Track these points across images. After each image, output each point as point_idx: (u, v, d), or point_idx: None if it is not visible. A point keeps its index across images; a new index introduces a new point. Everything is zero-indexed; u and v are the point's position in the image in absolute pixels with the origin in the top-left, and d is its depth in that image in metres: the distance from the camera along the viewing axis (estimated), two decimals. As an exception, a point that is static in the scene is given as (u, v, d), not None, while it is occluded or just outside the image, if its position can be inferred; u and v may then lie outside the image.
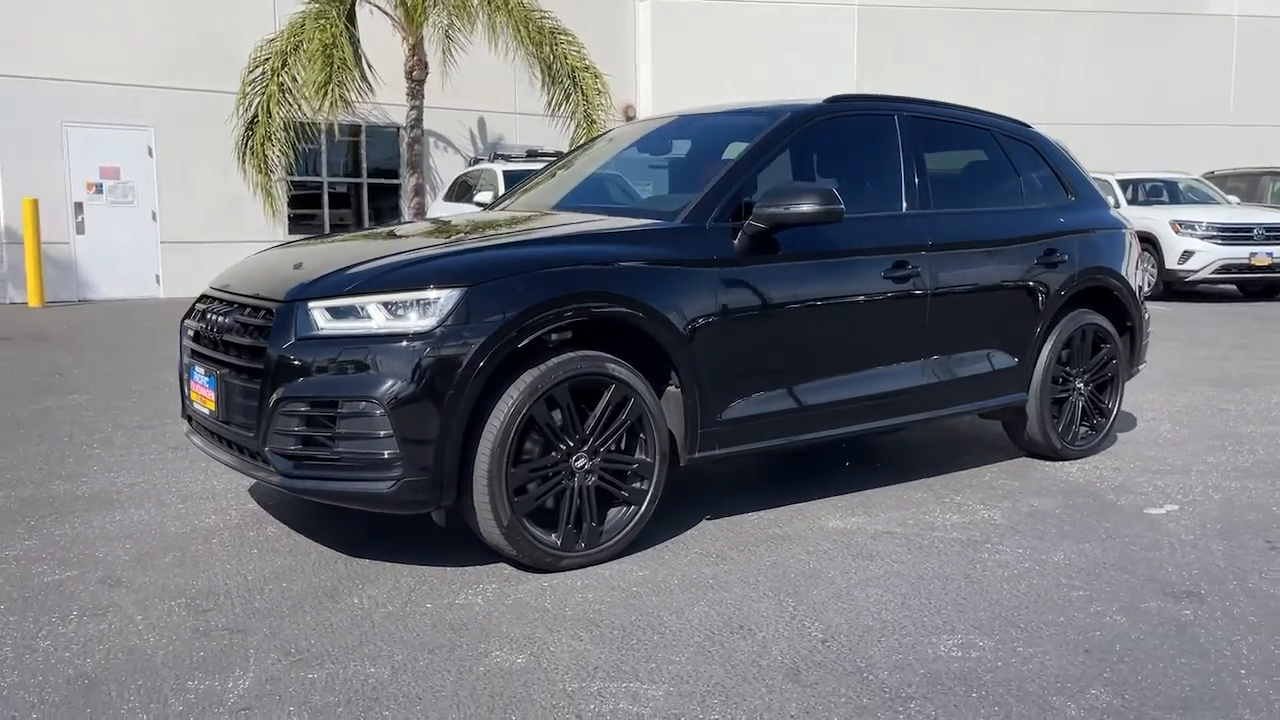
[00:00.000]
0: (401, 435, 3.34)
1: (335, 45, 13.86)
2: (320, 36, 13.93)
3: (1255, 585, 3.61)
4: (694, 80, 19.06)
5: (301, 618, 3.25)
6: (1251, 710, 2.70)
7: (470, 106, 17.44)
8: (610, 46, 19.02)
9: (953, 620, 3.28)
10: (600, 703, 2.72)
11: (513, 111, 18.01)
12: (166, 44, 14.80)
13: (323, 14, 14.15)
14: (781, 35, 19.45)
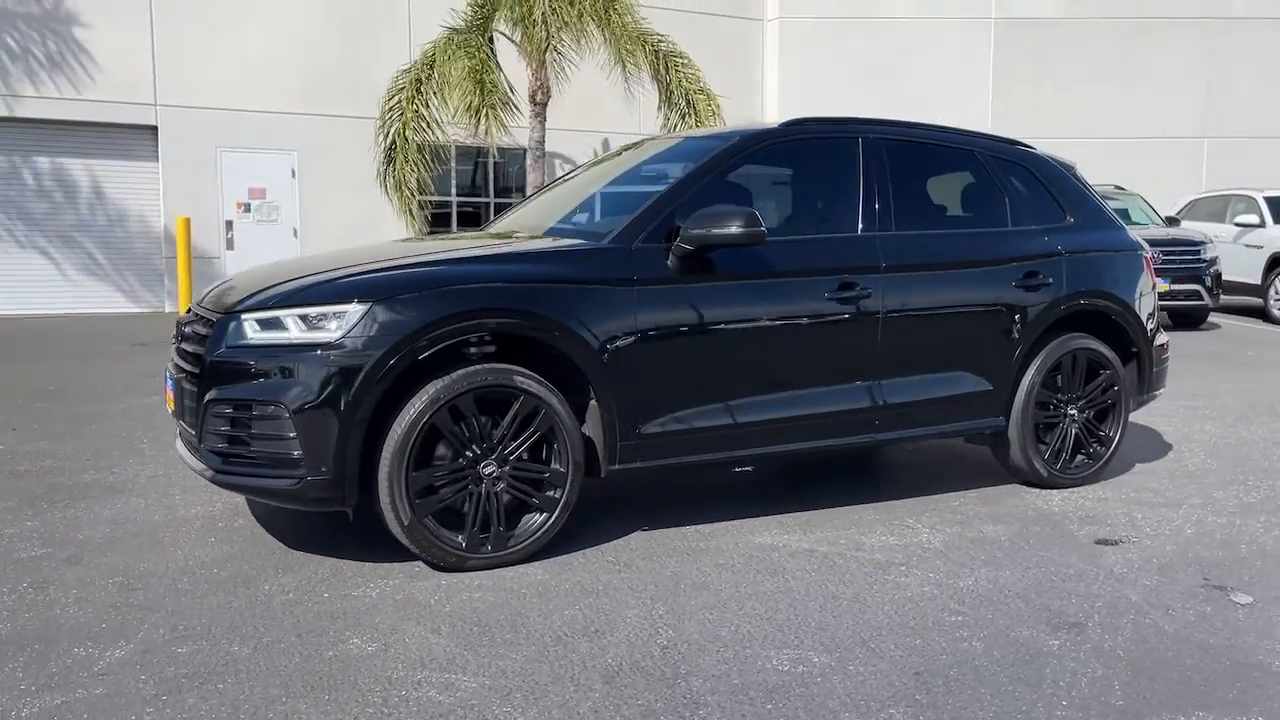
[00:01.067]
0: (304, 437, 3.65)
1: (484, 69, 14.50)
2: (469, 62, 14.59)
3: (1153, 622, 3.49)
4: (822, 99, 18.94)
5: (210, 599, 3.60)
6: (1037, 740, 2.68)
7: (593, 128, 17.93)
8: (736, 68, 19.22)
9: (803, 637, 3.33)
10: (412, 689, 2.93)
11: (635, 133, 18.38)
12: (310, 75, 15.90)
13: (468, 41, 14.83)
14: (913, 52, 19.14)
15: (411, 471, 3.76)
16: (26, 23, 14.50)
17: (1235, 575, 3.96)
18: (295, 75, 15.81)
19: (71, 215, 15.09)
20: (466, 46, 14.78)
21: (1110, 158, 18.77)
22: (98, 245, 15.20)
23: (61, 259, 15.00)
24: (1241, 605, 3.66)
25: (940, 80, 19.08)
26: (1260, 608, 3.64)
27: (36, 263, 14.79)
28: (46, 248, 14.91)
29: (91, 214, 15.19)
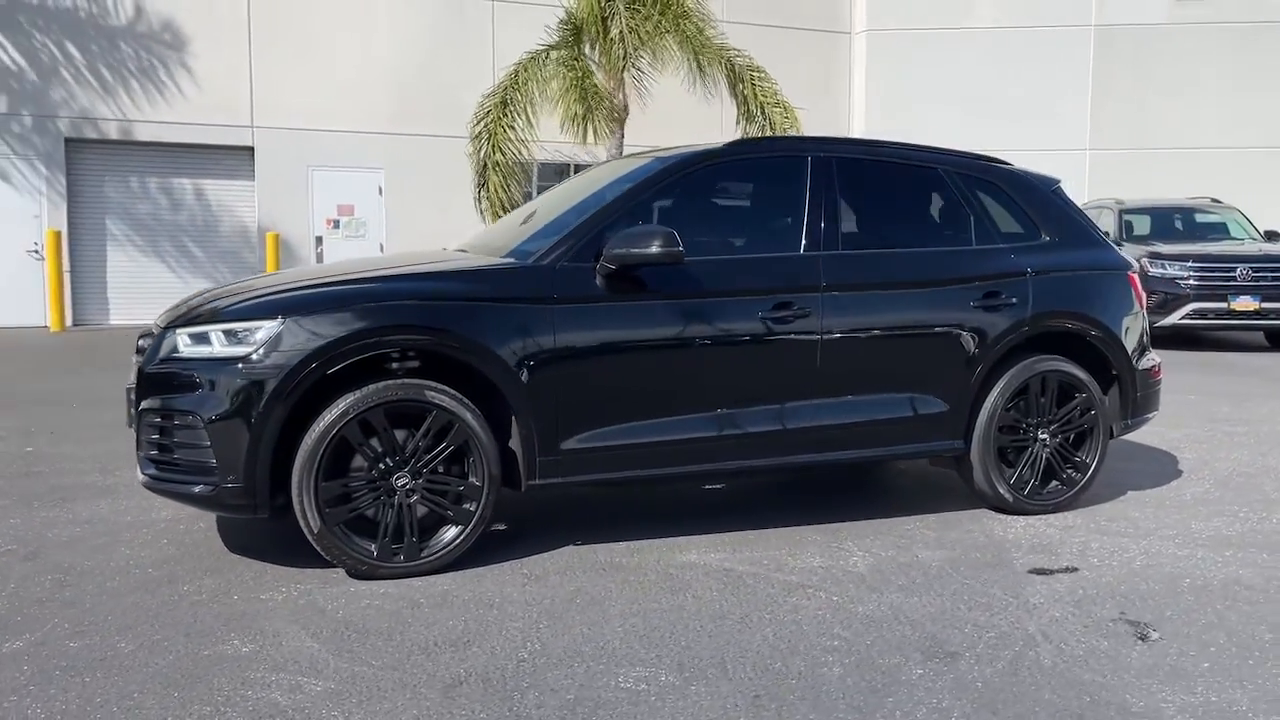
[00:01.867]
0: (218, 446, 3.86)
1: (585, 79, 14.78)
2: (569, 75, 14.90)
3: (1035, 656, 3.38)
4: (908, 111, 18.69)
5: (127, 598, 3.83)
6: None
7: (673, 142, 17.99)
8: (821, 81, 19.07)
9: (664, 656, 3.35)
10: (260, 690, 3.07)
11: (718, 147, 18.40)
12: (397, 96, 16.48)
13: (566, 57, 15.13)
14: (1005, 61, 18.63)
15: (321, 481, 3.92)
16: (143, 54, 15.46)
17: (1158, 611, 3.79)
18: (382, 97, 16.40)
19: (179, 231, 15.97)
20: (565, 62, 15.08)
21: (1218, 169, 17.89)
22: (203, 260, 16.02)
23: (170, 273, 15.87)
24: (1142, 642, 3.50)
25: (1033, 90, 18.53)
26: (1160, 645, 3.48)
27: (150, 275, 15.67)
28: (158, 262, 15.81)
29: (197, 230, 16.05)
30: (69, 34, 15.14)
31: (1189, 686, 3.16)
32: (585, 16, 15.13)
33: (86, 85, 15.28)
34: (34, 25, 14.98)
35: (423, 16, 16.71)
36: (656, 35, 15.30)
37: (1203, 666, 3.31)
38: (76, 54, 15.21)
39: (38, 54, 15.03)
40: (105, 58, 15.34)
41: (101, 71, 15.36)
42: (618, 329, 4.32)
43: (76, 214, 15.39)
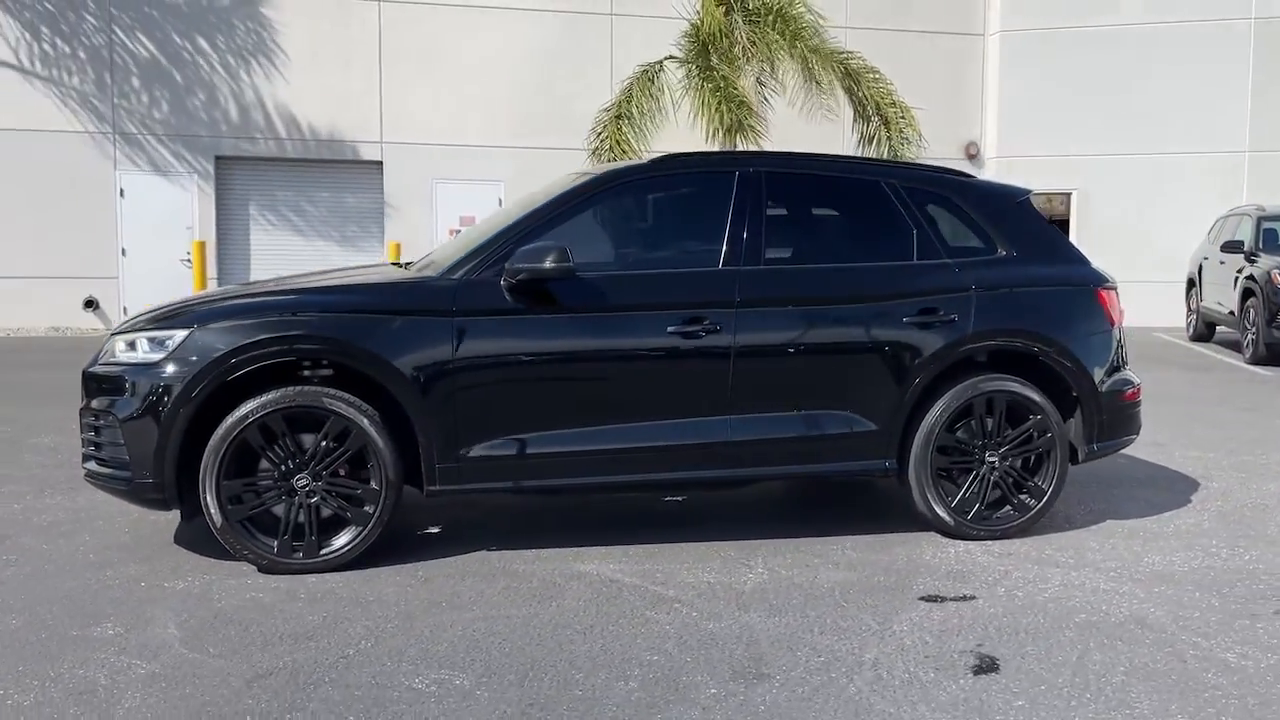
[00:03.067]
0: (131, 444, 4.21)
1: (728, 88, 14.89)
2: (707, 86, 15.04)
3: (845, 684, 3.29)
4: (1045, 114, 17.91)
5: (53, 580, 4.22)
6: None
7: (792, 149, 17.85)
8: (953, 83, 18.48)
9: (477, 661, 3.45)
10: (93, 669, 3.36)
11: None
12: (518, 110, 17.02)
13: (704, 68, 15.28)
14: (1151, 60, 17.52)
15: (223, 480, 4.21)
16: (285, 76, 16.58)
17: (1020, 646, 3.60)
18: (503, 111, 16.97)
19: (314, 241, 17.01)
20: (700, 74, 15.21)
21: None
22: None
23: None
24: (975, 675, 3.35)
25: (1183, 90, 17.34)
26: (991, 680, 3.32)
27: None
28: (294, 270, 16.92)
29: (330, 241, 17.06)
30: (219, 57, 16.39)
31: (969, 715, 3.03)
32: (711, 31, 15.19)
33: (235, 106, 16.49)
34: (191, 56, 16.30)
35: (543, 33, 17.20)
36: (775, 48, 15.27)
37: (1016, 704, 3.15)
38: (227, 77, 16.44)
39: (191, 78, 16.34)
40: (252, 79, 16.52)
41: (248, 92, 16.54)
42: (519, 341, 4.44)
43: (224, 225, 16.63)
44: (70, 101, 16.03)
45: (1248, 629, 3.78)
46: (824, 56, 15.57)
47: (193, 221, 16.53)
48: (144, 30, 16.18)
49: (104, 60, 16.06)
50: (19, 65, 15.82)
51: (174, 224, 16.48)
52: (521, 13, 17.12)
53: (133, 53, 16.18)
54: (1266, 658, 3.53)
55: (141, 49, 16.20)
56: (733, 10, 14.78)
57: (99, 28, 16.01)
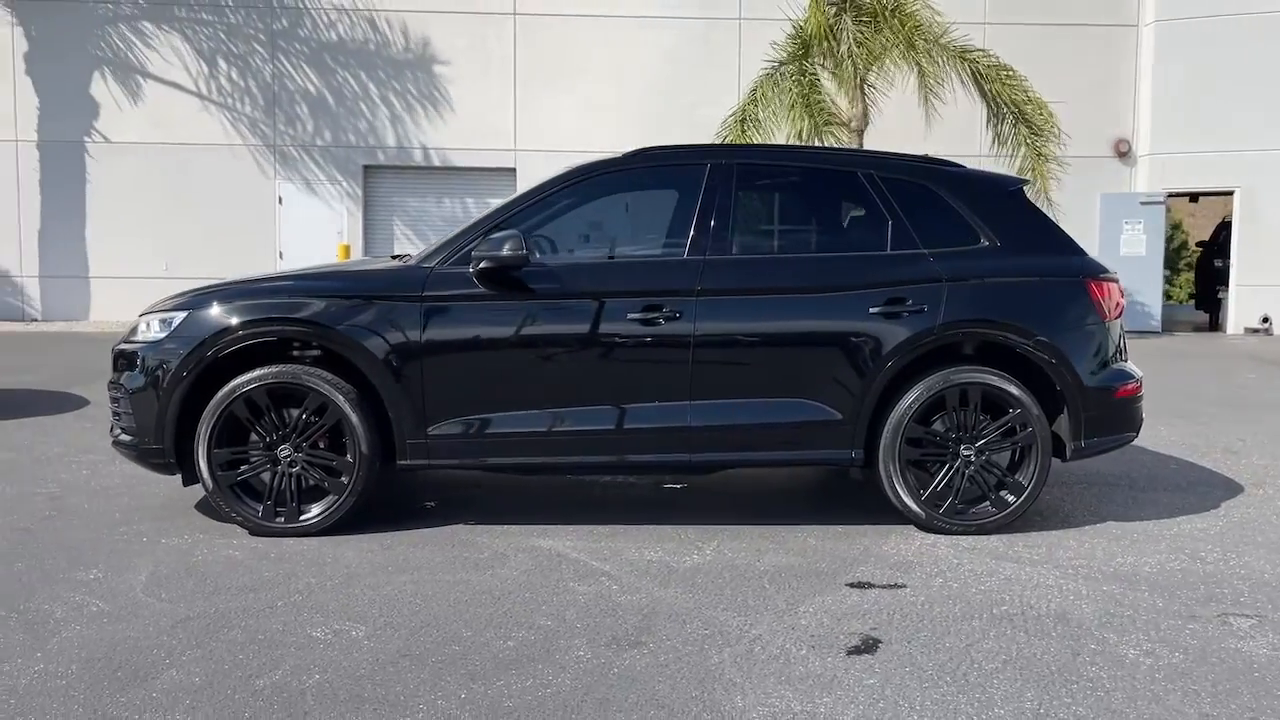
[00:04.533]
0: (137, 414, 4.69)
1: (810, 93, 14.93)
2: (794, 90, 15.13)
3: (708, 657, 3.37)
4: (1205, 108, 16.88)
5: (73, 533, 4.74)
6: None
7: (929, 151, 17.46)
8: (1101, 77, 17.63)
9: (381, 616, 3.70)
10: (55, 605, 3.80)
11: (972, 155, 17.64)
12: (646, 116, 17.33)
13: (791, 72, 15.33)
14: (1325, 46, 16.24)
15: (214, 448, 4.63)
16: (426, 88, 17.51)
17: (917, 633, 3.57)
18: (631, 117, 17.33)
19: (452, 245, 17.87)
20: (792, 77, 15.27)
21: None
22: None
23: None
24: (851, 655, 3.36)
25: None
26: (859, 660, 3.32)
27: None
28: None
29: (467, 244, 17.88)
30: (367, 72, 17.45)
31: (813, 690, 3.05)
32: (814, 32, 15.15)
33: (380, 116, 17.52)
34: (338, 64, 17.43)
35: (671, 39, 17.48)
36: (886, 50, 15.03)
37: (868, 682, 3.16)
38: (373, 90, 17.49)
39: (342, 91, 17.46)
40: (395, 92, 17.51)
41: (392, 104, 17.53)
42: (482, 326, 4.69)
43: (370, 229, 17.67)
44: (236, 118, 17.40)
45: (1173, 629, 3.62)
46: (949, 54, 15.21)
47: (342, 226, 17.63)
48: (302, 56, 17.41)
49: (267, 83, 17.36)
50: (195, 88, 17.30)
51: (326, 229, 17.61)
52: (651, 20, 17.46)
53: (292, 75, 17.43)
54: (1170, 656, 3.38)
55: (299, 72, 17.44)
56: (843, 10, 14.61)
57: (265, 56, 17.33)
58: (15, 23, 17.20)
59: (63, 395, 8.87)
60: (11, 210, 17.30)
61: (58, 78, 17.18)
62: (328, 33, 17.37)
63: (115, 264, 17.21)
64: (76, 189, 17.34)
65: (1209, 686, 3.15)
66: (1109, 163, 17.88)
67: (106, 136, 17.26)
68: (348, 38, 17.39)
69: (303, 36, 17.37)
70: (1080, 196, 16.84)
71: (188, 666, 3.26)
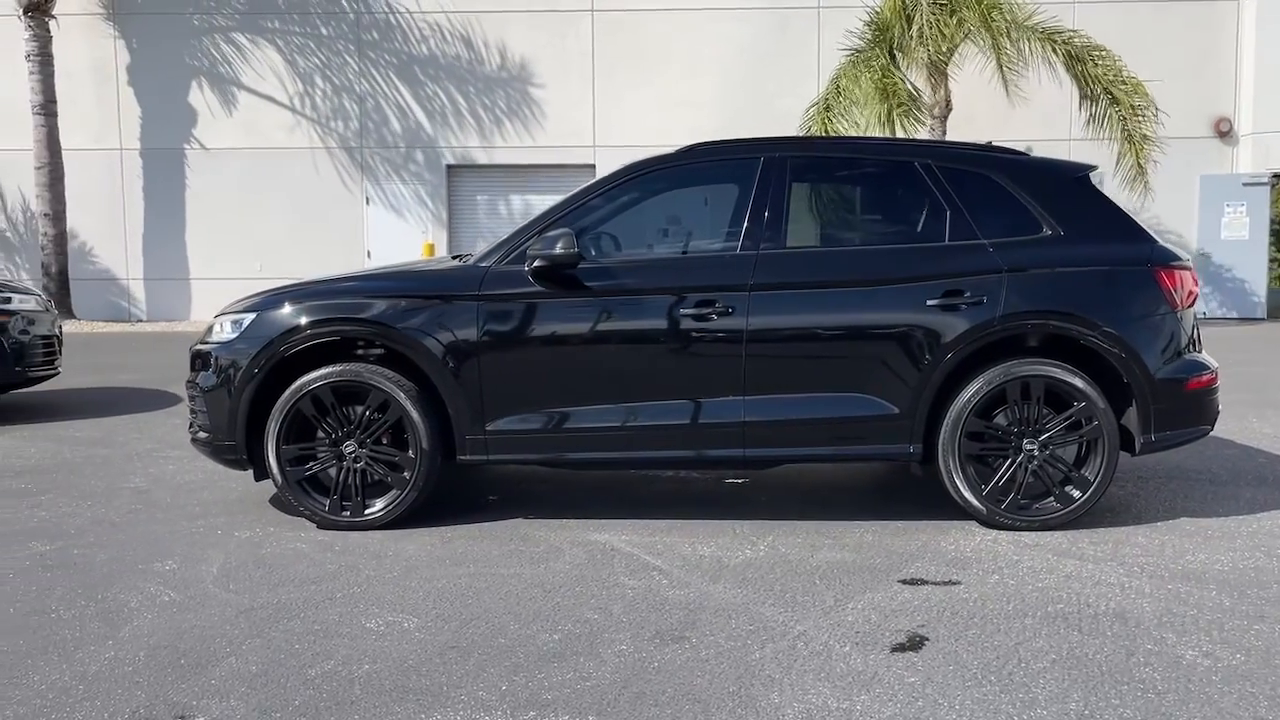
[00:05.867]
0: (211, 411, 4.88)
1: (886, 78, 14.70)
2: (869, 76, 14.93)
3: (749, 652, 3.38)
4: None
5: (152, 526, 4.95)
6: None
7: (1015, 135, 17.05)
8: (1200, 54, 17.00)
9: (434, 608, 3.79)
10: (132, 594, 3.98)
11: (1062, 139, 17.19)
12: (724, 109, 17.28)
13: (869, 58, 15.12)
14: None
15: (282, 444, 4.79)
16: (506, 90, 17.75)
17: (965, 631, 3.52)
18: (709, 111, 17.28)
19: (535, 242, 18.10)
20: (868, 63, 15.06)
21: None
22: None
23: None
24: (889, 653, 3.33)
25: None
26: (902, 658, 3.29)
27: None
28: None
29: (549, 241, 18.08)
30: (449, 74, 17.76)
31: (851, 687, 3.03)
32: (891, 16, 14.92)
33: (462, 117, 17.82)
34: (420, 68, 17.77)
35: (749, 31, 17.39)
36: (963, 33, 14.73)
37: (909, 680, 3.13)
38: (455, 91, 17.80)
39: (425, 94, 17.80)
40: (477, 93, 17.79)
41: (474, 104, 17.82)
42: (538, 324, 4.75)
43: (454, 227, 18.00)
44: (325, 123, 17.90)
45: (1237, 630, 3.49)
46: (1032, 34, 14.84)
47: (427, 225, 17.98)
48: (387, 62, 17.83)
49: (353, 87, 17.81)
50: (284, 94, 17.84)
51: (412, 228, 17.99)
52: (728, 12, 17.40)
53: (376, 80, 17.85)
54: (1231, 658, 3.27)
55: (384, 76, 17.85)
56: (921, -8, 14.33)
57: (351, 62, 17.78)
58: (118, 35, 17.95)
59: (160, 393, 9.27)
60: (118, 215, 18.08)
61: (157, 88, 17.87)
62: (410, 37, 17.73)
63: (213, 265, 17.85)
64: (176, 194, 18.04)
65: (1268, 690, 3.04)
66: (1209, 143, 17.25)
67: (203, 143, 17.91)
68: (430, 42, 17.73)
69: (387, 43, 17.78)
70: (1178, 179, 16.31)
71: (246, 655, 3.39)
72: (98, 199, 17.83)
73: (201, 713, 2.98)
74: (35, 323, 8.35)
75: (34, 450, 6.83)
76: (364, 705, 3.02)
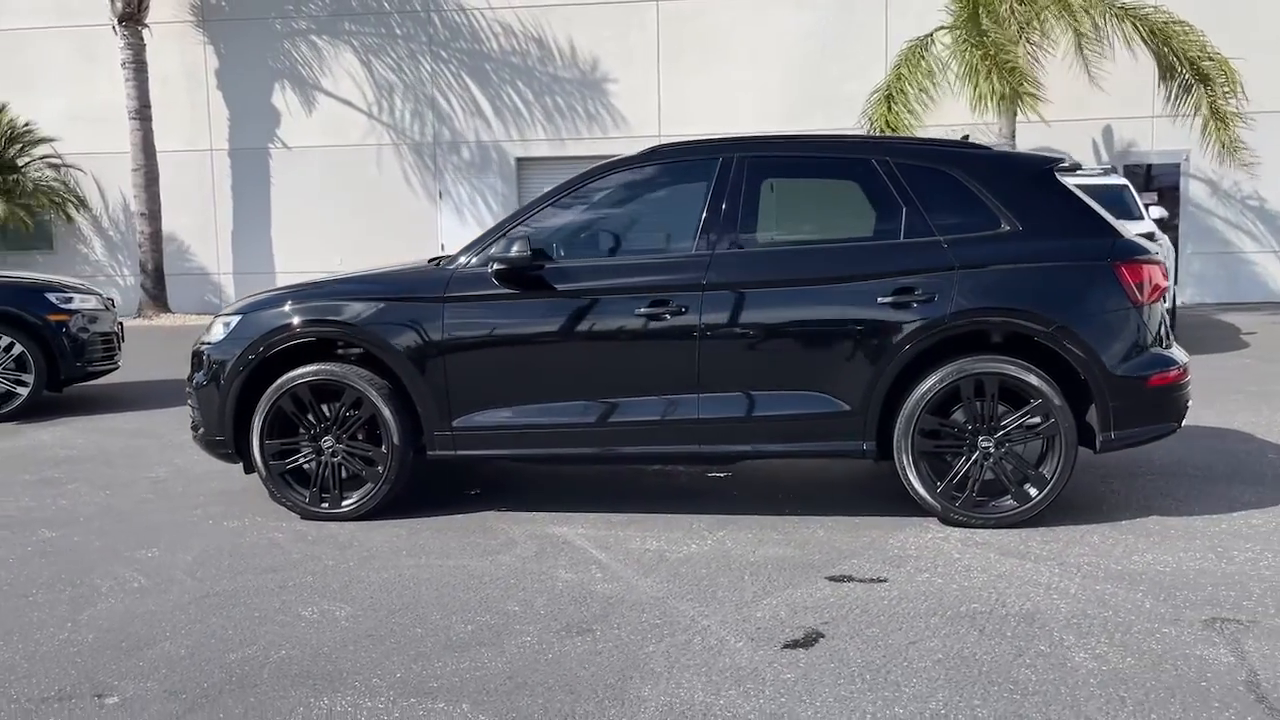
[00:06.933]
0: (201, 407, 5.20)
1: (999, 52, 14.25)
2: (977, 52, 14.42)
3: (643, 645, 3.49)
4: None
5: (157, 515, 5.30)
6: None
7: (1092, 115, 16.56)
8: (1291, 27, 16.18)
9: (366, 597, 4.00)
10: (107, 579, 4.30)
11: (1145, 116, 16.61)
12: (789, 94, 17.16)
13: (973, 33, 14.69)
14: None
15: (266, 439, 5.07)
16: (570, 85, 17.99)
17: (865, 629, 3.56)
18: (775, 97, 17.20)
19: (604, 233, 18.31)
20: (967, 41, 14.61)
21: None
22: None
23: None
24: (780, 649, 3.40)
25: None
26: (789, 654, 3.36)
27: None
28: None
29: (618, 231, 18.26)
30: (517, 70, 18.07)
31: (724, 683, 3.12)
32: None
33: (531, 113, 18.12)
34: (489, 64, 18.12)
35: (814, 15, 17.21)
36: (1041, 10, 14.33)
37: (785, 676, 3.20)
38: (523, 85, 18.10)
39: (494, 89, 18.15)
40: (544, 86, 18.05)
41: (542, 101, 18.09)
42: (500, 324, 4.93)
43: (525, 221, 18.32)
44: (399, 120, 18.41)
45: (1143, 633, 3.46)
46: (1109, 9, 14.36)
47: (497, 218, 18.31)
48: (458, 60, 18.23)
49: (426, 85, 18.27)
50: (361, 94, 18.40)
51: (483, 220, 18.36)
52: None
53: (448, 77, 18.28)
54: (1121, 660, 3.25)
55: (454, 74, 18.26)
56: (1000, -31, 13.97)
57: (424, 61, 18.25)
58: (207, 41, 18.75)
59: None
60: (209, 213, 18.93)
61: (243, 91, 18.63)
62: (479, 35, 18.09)
63: (296, 259, 18.52)
64: (262, 192, 18.79)
65: (1139, 694, 3.02)
66: (1301, 121, 16.40)
67: (285, 143, 18.61)
68: (498, 39, 18.06)
69: (457, 42, 18.17)
70: (1267, 156, 15.63)
71: (181, 639, 3.65)
72: (190, 198, 18.68)
73: (118, 693, 3.24)
74: (97, 321, 8.89)
75: (81, 441, 7.31)
76: (264, 689, 3.24)
